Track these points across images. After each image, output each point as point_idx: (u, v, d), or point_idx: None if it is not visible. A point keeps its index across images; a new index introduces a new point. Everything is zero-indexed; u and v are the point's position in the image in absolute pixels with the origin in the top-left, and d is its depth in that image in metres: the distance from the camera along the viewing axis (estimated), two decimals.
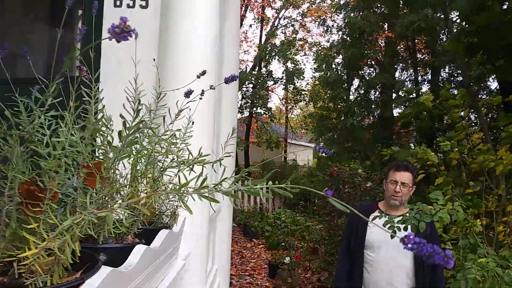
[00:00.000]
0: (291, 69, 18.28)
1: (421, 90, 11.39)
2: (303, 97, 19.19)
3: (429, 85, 12.36)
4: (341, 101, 13.17)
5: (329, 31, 16.49)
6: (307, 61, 37.39)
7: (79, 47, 2.04)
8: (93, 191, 0.93)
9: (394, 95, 11.97)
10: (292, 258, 6.47)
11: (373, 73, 13.59)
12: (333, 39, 16.29)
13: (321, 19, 17.16)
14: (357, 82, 14.50)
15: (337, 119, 13.24)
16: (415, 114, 5.09)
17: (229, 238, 3.66)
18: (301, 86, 19.35)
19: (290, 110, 22.41)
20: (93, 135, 0.96)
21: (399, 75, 13.37)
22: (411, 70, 13.43)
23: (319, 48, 18.09)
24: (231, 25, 3.31)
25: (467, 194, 3.29)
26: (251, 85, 17.95)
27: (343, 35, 14.04)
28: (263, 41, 19.36)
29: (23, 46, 1.07)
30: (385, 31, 12.82)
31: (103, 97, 1.14)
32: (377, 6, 12.73)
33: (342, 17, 14.34)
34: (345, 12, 13.52)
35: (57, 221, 0.77)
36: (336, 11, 14.92)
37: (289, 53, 18.03)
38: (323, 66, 14.68)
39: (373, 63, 13.74)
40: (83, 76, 0.87)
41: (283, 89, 19.72)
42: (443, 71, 12.01)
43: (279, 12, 19.75)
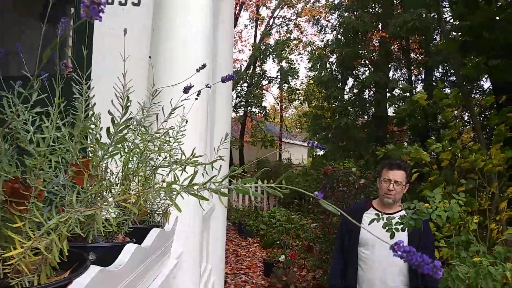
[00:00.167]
0: (285, 68, 18.29)
1: (415, 89, 11.43)
2: (297, 96, 19.22)
3: (423, 85, 12.42)
4: (335, 101, 13.21)
5: (323, 30, 16.52)
6: (301, 60, 37.43)
7: (71, 45, 2.02)
8: (81, 189, 0.91)
9: (388, 94, 12.02)
10: (287, 256, 6.48)
11: (367, 73, 13.63)
12: (327, 39, 16.33)
13: (315, 18, 17.18)
14: (351, 81, 14.55)
15: (332, 118, 13.27)
16: (409, 111, 5.11)
17: (224, 236, 3.64)
18: (295, 85, 19.39)
19: (284, 109, 22.44)
20: (83, 133, 0.94)
21: (393, 74, 13.43)
22: (404, 69, 13.49)
23: (314, 47, 18.11)
24: (225, 23, 3.29)
25: (459, 192, 3.30)
26: (246, 84, 17.94)
27: (337, 34, 14.08)
28: (257, 40, 19.35)
29: (17, 45, 1.06)
30: (379, 30, 12.85)
31: (94, 94, 1.13)
32: (371, 6, 12.78)
33: (336, 17, 14.38)
34: (339, 11, 13.55)
35: (43, 219, 0.75)
36: (330, 11, 14.94)
37: (283, 52, 18.03)
38: (317, 65, 14.70)
39: (367, 62, 13.78)
40: (68, 73, 0.85)
41: (278, 88, 19.73)
42: (436, 70, 12.07)
43: (273, 11, 19.74)
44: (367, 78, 12.66)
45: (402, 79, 13.37)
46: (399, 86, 11.46)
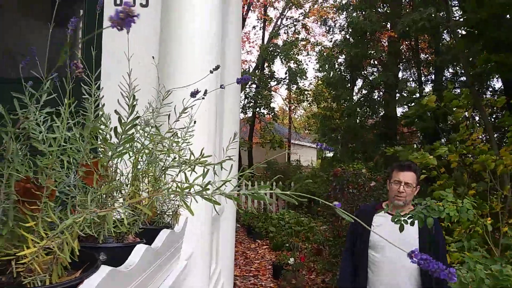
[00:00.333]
0: (294, 69, 18.26)
1: (424, 90, 11.33)
2: (306, 97, 19.17)
3: (432, 85, 12.30)
4: (344, 101, 13.16)
5: (331, 31, 16.48)
6: (310, 61, 37.30)
7: (80, 47, 2.04)
8: (92, 189, 0.91)
9: (397, 94, 11.94)
10: (296, 259, 6.45)
11: (376, 73, 13.57)
12: (335, 39, 16.29)
13: (323, 19, 17.14)
14: (360, 82, 14.49)
15: (341, 119, 13.22)
16: (420, 113, 5.06)
17: (233, 238, 3.64)
18: (304, 86, 19.35)
19: (293, 110, 22.39)
20: (93, 133, 0.95)
21: (402, 74, 13.33)
22: (414, 69, 13.39)
23: (322, 48, 18.07)
24: (233, 24, 3.29)
25: (470, 195, 3.25)
26: (254, 86, 17.94)
27: (345, 34, 14.03)
28: (265, 41, 19.35)
29: (31, 47, 1.07)
30: (388, 30, 12.78)
31: (103, 95, 1.13)
32: (379, 5, 12.71)
33: (344, 17, 14.34)
34: (347, 12, 13.50)
35: (56, 219, 0.75)
36: (338, 11, 14.90)
37: (291, 53, 18.00)
38: (325, 66, 14.66)
39: (376, 62, 13.71)
40: (79, 73, 0.85)
41: (286, 89, 19.70)
42: (446, 70, 11.96)
43: (281, 12, 19.73)
44: (376, 78, 12.59)
45: (411, 79, 13.28)
46: (406, 88, 11.37)
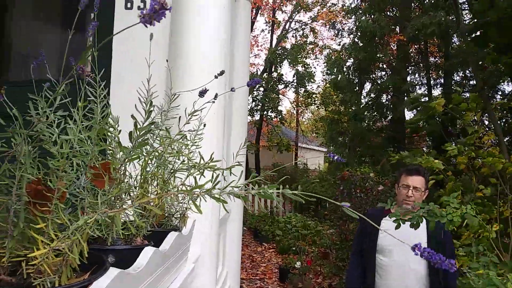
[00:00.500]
0: (301, 72, 18.24)
1: (427, 94, 11.24)
2: (314, 100, 19.14)
3: (441, 89, 12.21)
4: (352, 105, 13.12)
5: (340, 34, 16.45)
6: (318, 65, 37.23)
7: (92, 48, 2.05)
8: (102, 191, 0.92)
9: (405, 98, 11.86)
10: (303, 262, 6.43)
11: (384, 77, 13.51)
12: (344, 42, 16.26)
13: (332, 22, 17.12)
14: (368, 85, 14.43)
15: (348, 123, 13.18)
16: (425, 119, 5.01)
17: (240, 241, 3.64)
18: (312, 89, 19.32)
19: (301, 113, 22.35)
20: (99, 135, 0.95)
21: (411, 78, 13.24)
22: (423, 73, 13.30)
23: (330, 51, 18.04)
24: (242, 27, 3.30)
25: (478, 198, 3.22)
26: (262, 88, 17.96)
27: (354, 38, 14.00)
28: (273, 44, 19.37)
29: (40, 50, 1.08)
30: (397, 34, 12.73)
31: (114, 98, 1.14)
32: (388, 9, 12.67)
33: (353, 21, 14.31)
34: (355, 16, 13.48)
35: (66, 220, 0.76)
36: (347, 14, 14.87)
37: (299, 56, 17.99)
38: (334, 69, 14.64)
39: (384, 66, 13.65)
40: (86, 76, 0.86)
41: (294, 92, 19.69)
42: (456, 74, 11.86)
43: (290, 15, 19.75)
44: (385, 82, 12.54)
45: (420, 83, 13.19)
46: (413, 93, 11.29)
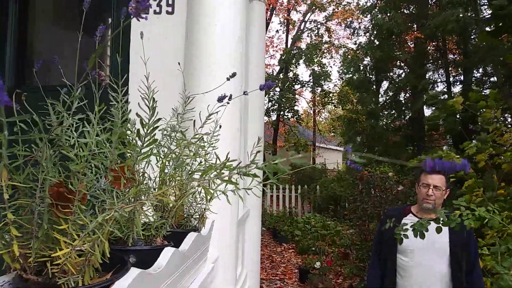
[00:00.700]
0: (317, 72, 18.16)
1: (447, 92, 11.04)
2: (331, 99, 19.03)
3: (461, 86, 11.98)
4: (370, 104, 12.98)
5: (355, 33, 16.31)
6: (334, 64, 36.96)
7: (109, 54, 2.09)
8: (120, 192, 0.94)
9: (424, 96, 11.67)
10: (322, 263, 6.39)
11: (402, 75, 13.34)
12: (360, 41, 16.12)
13: (348, 21, 17.00)
14: (386, 84, 14.27)
15: (366, 122, 13.04)
16: (443, 117, 4.92)
17: (259, 241, 3.64)
18: (328, 88, 19.21)
19: (318, 113, 22.23)
20: (120, 138, 0.97)
21: (429, 76, 13.03)
22: (442, 70, 13.08)
23: (346, 50, 17.91)
24: (257, 29, 3.31)
25: (500, 196, 3.14)
26: (278, 89, 17.95)
27: (370, 36, 13.87)
28: (289, 45, 19.33)
29: (54, 56, 1.11)
30: (414, 31, 12.54)
31: (131, 101, 1.16)
32: (405, 6, 12.51)
33: (369, 19, 14.17)
34: (371, 14, 13.34)
35: (87, 221, 0.78)
36: (363, 13, 14.74)
37: (315, 56, 17.91)
38: (350, 68, 14.53)
39: (402, 64, 13.47)
40: (102, 81, 0.88)
41: (311, 92, 19.60)
42: (476, 71, 11.61)
43: (304, 15, 19.69)
44: (402, 80, 12.38)
45: (439, 80, 12.97)
46: (432, 90, 11.10)
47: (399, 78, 13.27)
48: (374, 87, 13.95)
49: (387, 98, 13.79)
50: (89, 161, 0.86)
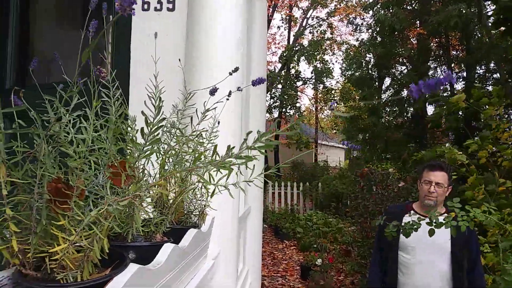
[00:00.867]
0: (319, 68, 18.12)
1: (449, 88, 10.99)
2: (333, 96, 19.00)
3: (464, 82, 11.94)
4: (372, 101, 12.96)
5: (358, 29, 16.27)
6: (336, 61, 36.90)
7: (110, 50, 2.09)
8: (119, 189, 0.94)
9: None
10: (324, 260, 6.40)
11: (404, 71, 13.31)
12: (362, 38, 16.09)
13: (350, 17, 16.95)
14: (388, 80, 14.24)
15: (368, 119, 13.03)
16: (445, 114, 4.91)
17: (260, 238, 3.65)
18: (331, 85, 19.17)
19: (320, 110, 22.20)
20: (115, 134, 0.98)
21: (432, 72, 12.98)
22: (444, 67, 13.03)
23: (349, 46, 17.86)
24: (258, 25, 3.30)
25: (501, 193, 3.14)
26: (280, 86, 17.92)
27: (372, 33, 13.83)
28: (291, 41, 19.28)
29: (55, 52, 1.11)
30: (417, 27, 12.50)
31: (133, 99, 1.16)
32: (408, 2, 12.47)
33: (371, 15, 14.13)
34: (373, 10, 13.30)
35: (84, 217, 0.79)
36: (365, 9, 14.69)
37: (317, 53, 17.86)
38: (352, 65, 14.50)
39: (404, 61, 13.44)
40: (102, 78, 0.89)
41: (313, 89, 19.57)
42: (479, 67, 11.57)
43: (306, 12, 19.62)
44: (404, 77, 12.35)
45: (441, 77, 12.90)
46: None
47: (401, 74, 13.23)
48: (376, 84, 13.92)
49: (389, 94, 13.78)
50: (86, 157, 0.86)
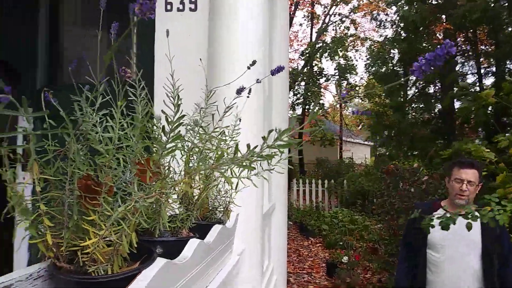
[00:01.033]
0: (343, 65, 17.94)
1: (478, 83, 10.69)
2: (357, 92, 18.79)
3: (494, 77, 11.58)
4: (397, 97, 12.76)
5: (382, 25, 16.03)
6: (360, 58, 36.42)
7: (135, 51, 2.14)
8: (145, 185, 0.98)
9: (455, 89, 11.36)
10: (350, 257, 6.35)
11: None
12: (386, 34, 15.84)
13: (374, 13, 16.70)
14: (413, 77, 13.95)
15: (394, 115, 12.82)
16: (474, 110, 4.77)
17: (285, 235, 3.65)
18: (355, 81, 18.96)
19: (344, 107, 21.98)
20: (142, 133, 1.01)
21: (460, 67, 12.65)
22: (472, 62, 12.67)
23: (372, 43, 17.60)
24: (280, 23, 3.31)
25: None
26: (303, 83, 17.83)
27: (397, 29, 13.60)
28: (313, 38, 19.15)
29: (83, 52, 1.16)
30: (443, 22, 12.20)
31: (157, 99, 1.19)
32: None
33: (395, 11, 13.89)
34: (396, 6, 13.07)
35: (113, 212, 0.82)
36: (388, 5, 14.45)
37: (340, 50, 17.68)
38: (377, 61, 14.30)
39: None
40: (128, 78, 0.92)
41: (337, 85, 19.40)
42: (509, 62, 11.18)
43: (329, 8, 19.44)
44: (430, 73, 12.08)
45: (470, 72, 12.58)
46: (458, 83, 10.77)
47: None
48: (401, 80, 13.68)
49: (416, 91, 13.51)
50: (113, 154, 0.89)
